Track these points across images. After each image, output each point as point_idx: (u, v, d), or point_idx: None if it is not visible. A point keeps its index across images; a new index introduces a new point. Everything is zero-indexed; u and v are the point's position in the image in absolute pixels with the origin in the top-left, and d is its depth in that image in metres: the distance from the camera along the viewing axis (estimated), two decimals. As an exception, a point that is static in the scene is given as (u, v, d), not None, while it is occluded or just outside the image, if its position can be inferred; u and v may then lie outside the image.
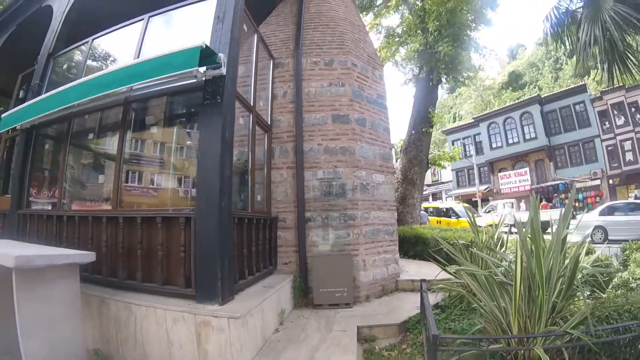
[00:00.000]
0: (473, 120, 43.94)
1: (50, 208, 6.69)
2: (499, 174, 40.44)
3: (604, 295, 4.37)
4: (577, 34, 6.44)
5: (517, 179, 38.50)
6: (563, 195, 33.83)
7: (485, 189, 40.41)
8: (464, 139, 43.42)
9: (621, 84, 8.41)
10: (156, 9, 5.86)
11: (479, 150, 42.31)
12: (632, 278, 4.65)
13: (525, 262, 3.53)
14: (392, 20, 25.41)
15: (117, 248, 4.88)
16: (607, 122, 32.67)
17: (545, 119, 36.62)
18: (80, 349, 3.88)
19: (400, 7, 19.43)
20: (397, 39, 18.65)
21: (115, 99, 5.56)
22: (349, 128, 7.16)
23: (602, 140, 32.77)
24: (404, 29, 18.12)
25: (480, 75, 35.07)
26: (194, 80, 4.55)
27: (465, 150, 40.13)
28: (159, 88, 5.17)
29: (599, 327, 3.22)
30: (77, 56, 7.44)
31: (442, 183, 47.61)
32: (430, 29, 15.21)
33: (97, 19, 6.82)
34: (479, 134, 42.63)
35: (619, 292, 4.33)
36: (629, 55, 6.15)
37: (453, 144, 41.02)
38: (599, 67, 6.28)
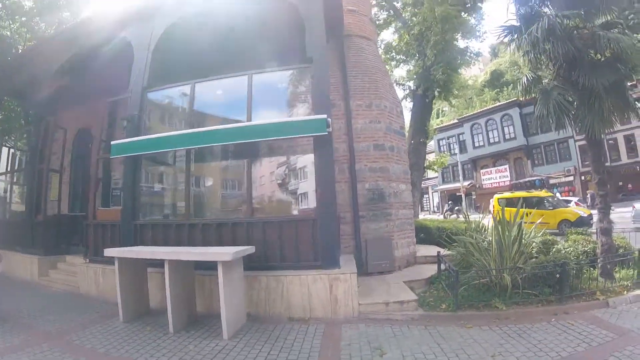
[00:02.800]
0: (457, 120, 48.49)
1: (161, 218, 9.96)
2: (481, 171, 45.22)
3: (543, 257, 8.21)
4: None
5: (498, 175, 43.40)
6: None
7: (469, 185, 44.95)
8: (448, 138, 47.87)
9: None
10: (233, 68, 9.26)
11: (462, 149, 47.00)
12: (562, 248, 8.58)
13: (497, 236, 7.65)
14: (388, 34, 28.02)
15: (255, 242, 7.86)
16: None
17: (524, 121, 41.03)
18: (244, 311, 7.12)
19: (393, 23, 22.82)
20: (397, 57, 22.06)
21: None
22: (384, 153, 10.84)
23: (575, 141, 37.33)
24: (403, 48, 21.52)
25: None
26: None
27: (450, 149, 44.43)
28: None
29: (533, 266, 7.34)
30: (176, 95, 10.12)
31: (429, 179, 51.80)
32: (427, 54, 18.65)
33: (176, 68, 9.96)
34: (462, 133, 47.32)
35: (549, 255, 8.21)
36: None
37: (439, 143, 45.23)
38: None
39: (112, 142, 9.42)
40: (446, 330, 6.46)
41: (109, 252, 7.52)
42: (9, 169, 16.85)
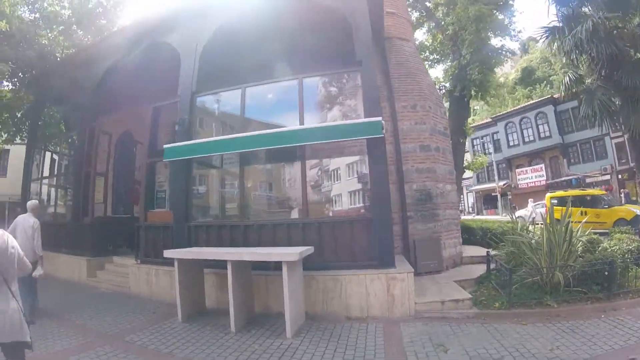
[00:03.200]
0: (491, 119, 47.83)
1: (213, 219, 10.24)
2: (517, 170, 44.61)
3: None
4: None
5: (533, 175, 42.76)
6: (576, 190, 37.46)
7: (504, 185, 44.37)
8: (482, 137, 47.39)
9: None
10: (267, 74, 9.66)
11: (497, 148, 46.37)
12: (608, 246, 8.59)
13: (548, 235, 7.80)
14: (420, 33, 28.08)
15: (311, 242, 7.91)
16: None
17: (558, 118, 40.37)
18: (303, 310, 7.23)
19: (426, 23, 22.90)
20: (431, 56, 22.14)
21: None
22: (430, 154, 10.86)
23: (612, 138, 36.46)
24: (437, 48, 21.58)
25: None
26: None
27: (484, 148, 44.01)
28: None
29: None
30: (226, 99, 10.39)
31: (464, 179, 51.19)
32: (463, 54, 18.67)
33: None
34: (497, 132, 46.72)
35: (596, 253, 8.20)
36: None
37: (473, 143, 44.83)
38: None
39: (165, 146, 9.63)
40: (502, 327, 6.58)
41: (169, 253, 7.67)
42: (54, 173, 17.43)
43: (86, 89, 12.97)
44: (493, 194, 43.77)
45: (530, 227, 10.10)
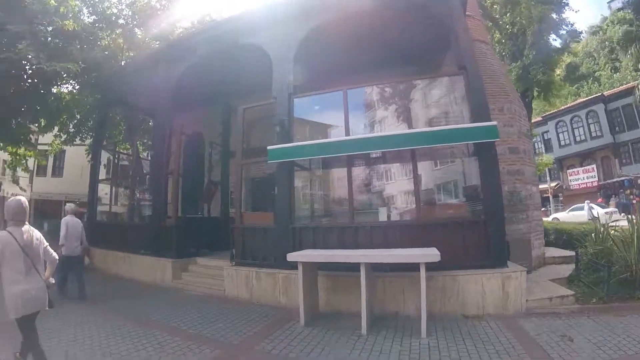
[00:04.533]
0: (541, 118, 47.47)
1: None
2: (568, 171, 44.24)
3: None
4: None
5: (585, 176, 42.43)
6: (628, 191, 37.41)
7: (556, 186, 44.01)
8: (533, 137, 46.52)
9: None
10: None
11: (547, 148, 46.30)
12: None
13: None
14: None
15: (426, 243, 7.96)
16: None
17: (609, 117, 39.99)
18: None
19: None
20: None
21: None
22: (519, 157, 11.19)
23: (665, 138, 35.83)
24: (496, 48, 21.74)
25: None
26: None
27: (535, 148, 43.69)
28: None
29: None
30: (325, 101, 10.68)
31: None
32: (525, 54, 18.88)
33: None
34: (547, 132, 46.34)
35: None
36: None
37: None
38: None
39: (269, 147, 9.81)
40: (605, 319, 7.08)
41: (294, 256, 7.82)
42: (117, 173, 18.22)
43: (163, 90, 13.60)
44: (544, 195, 43.32)
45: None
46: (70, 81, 18.12)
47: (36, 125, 18.86)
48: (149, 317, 8.42)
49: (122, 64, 18.55)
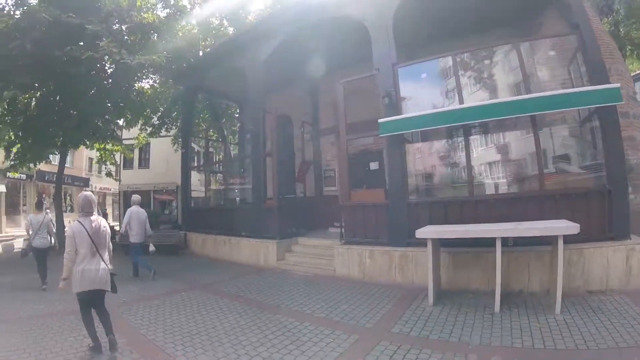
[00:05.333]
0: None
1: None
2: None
3: None
4: None
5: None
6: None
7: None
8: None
9: None
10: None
11: (636, 112, 42.58)
12: None
13: None
14: None
15: (549, 215, 7.86)
16: None
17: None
18: None
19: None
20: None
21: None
22: (628, 121, 10.62)
23: None
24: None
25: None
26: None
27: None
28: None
29: None
30: (431, 68, 10.35)
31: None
32: (615, 9, 17.90)
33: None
34: (636, 93, 42.49)
35: None
36: None
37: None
38: None
39: (380, 120, 9.63)
40: None
41: (424, 233, 7.57)
42: (209, 160, 18.86)
43: (252, 73, 13.89)
44: None
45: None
46: (151, 75, 18.96)
47: (122, 120, 19.81)
48: (266, 302, 8.40)
49: (200, 53, 19.08)
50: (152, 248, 11.20)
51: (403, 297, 8.09)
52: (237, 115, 22.36)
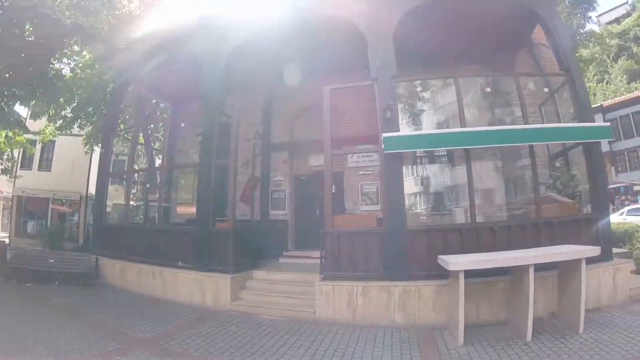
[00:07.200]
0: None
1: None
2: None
3: None
4: None
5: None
6: (623, 197, 37.06)
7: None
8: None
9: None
10: None
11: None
12: None
13: None
14: None
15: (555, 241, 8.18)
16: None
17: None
18: None
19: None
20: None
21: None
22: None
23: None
24: None
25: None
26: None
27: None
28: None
29: None
30: (431, 87, 10.56)
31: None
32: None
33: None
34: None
35: None
36: None
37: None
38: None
39: (385, 135, 8.84)
40: None
41: (458, 264, 6.82)
42: (132, 167, 15.92)
43: (211, 70, 11.59)
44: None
45: None
46: (77, 50, 15.25)
47: (29, 105, 15.97)
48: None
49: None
50: None
51: (424, 342, 7.01)
52: (174, 116, 18.39)
